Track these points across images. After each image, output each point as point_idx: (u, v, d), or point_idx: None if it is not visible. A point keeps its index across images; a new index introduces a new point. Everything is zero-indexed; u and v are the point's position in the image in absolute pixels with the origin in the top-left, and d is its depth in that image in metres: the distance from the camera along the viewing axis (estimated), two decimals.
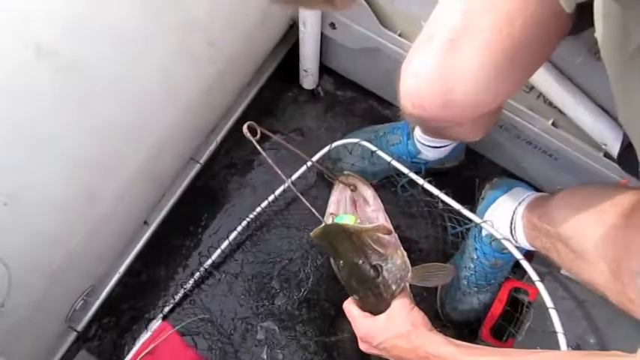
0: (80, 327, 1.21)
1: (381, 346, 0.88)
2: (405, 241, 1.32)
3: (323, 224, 0.90)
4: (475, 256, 1.21)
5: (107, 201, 0.99)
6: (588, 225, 0.85)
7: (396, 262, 0.89)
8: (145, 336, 1.02)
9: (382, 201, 1.33)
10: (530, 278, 1.15)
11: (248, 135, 0.89)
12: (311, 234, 0.90)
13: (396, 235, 0.94)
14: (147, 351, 0.99)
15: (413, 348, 0.83)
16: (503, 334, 1.19)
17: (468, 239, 1.24)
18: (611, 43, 0.48)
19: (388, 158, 1.14)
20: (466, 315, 1.24)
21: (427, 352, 0.82)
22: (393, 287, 0.89)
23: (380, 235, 0.88)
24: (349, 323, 0.95)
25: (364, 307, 0.93)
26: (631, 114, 0.53)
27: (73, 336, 1.21)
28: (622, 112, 0.55)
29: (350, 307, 0.94)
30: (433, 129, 1.05)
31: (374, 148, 1.17)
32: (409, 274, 0.92)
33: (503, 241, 1.11)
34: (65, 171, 0.87)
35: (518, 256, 1.10)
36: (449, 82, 0.75)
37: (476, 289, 1.23)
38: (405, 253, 0.92)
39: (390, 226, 0.91)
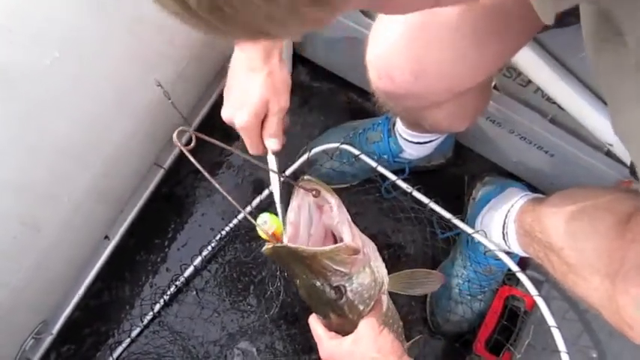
0: (37, 358, 1.09)
1: None
2: (390, 247, 1.23)
3: (271, 245, 0.77)
4: (468, 263, 1.12)
5: (52, 228, 0.87)
6: (581, 235, 0.76)
7: (363, 281, 0.78)
8: None
9: (364, 204, 1.24)
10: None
11: (177, 144, 0.71)
12: (262, 250, 0.78)
13: (372, 246, 0.84)
14: None
15: None
16: (498, 347, 1.11)
17: (459, 245, 1.16)
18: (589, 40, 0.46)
19: (374, 164, 1.03)
20: (458, 326, 1.16)
21: None
22: (361, 307, 0.80)
23: (342, 254, 0.76)
24: None
25: (329, 326, 0.84)
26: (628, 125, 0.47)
27: None
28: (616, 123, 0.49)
29: (315, 325, 0.85)
30: (410, 113, 0.95)
31: (357, 152, 1.06)
32: (384, 287, 0.83)
33: (499, 253, 1.02)
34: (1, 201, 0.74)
35: (515, 268, 1.02)
36: (420, 47, 0.65)
37: (469, 297, 1.14)
38: (378, 266, 0.81)
39: (358, 243, 0.78)
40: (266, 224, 0.80)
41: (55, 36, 0.76)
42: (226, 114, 0.84)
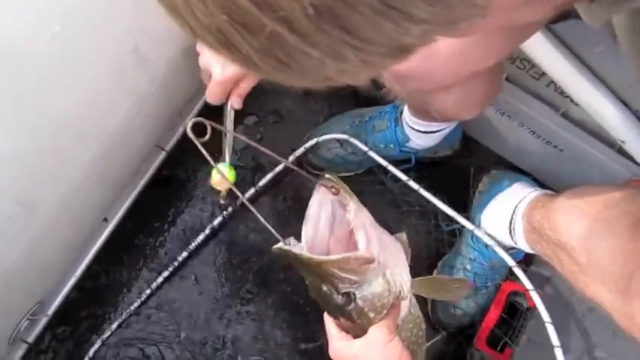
0: (31, 339, 1.08)
1: None
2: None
3: (278, 245, 0.75)
4: (472, 257, 1.10)
5: (49, 209, 0.85)
6: (595, 235, 0.73)
7: (375, 290, 0.74)
8: None
9: (368, 193, 1.21)
10: (532, 283, 1.06)
11: (192, 136, 0.71)
12: (273, 249, 0.76)
13: (397, 247, 0.81)
14: None
15: None
16: (499, 341, 1.09)
17: (463, 238, 1.14)
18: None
19: (384, 163, 1.02)
20: (459, 320, 1.14)
21: None
22: (371, 315, 0.76)
23: (352, 263, 0.73)
24: None
25: (341, 325, 0.81)
26: None
27: (23, 349, 1.08)
28: None
29: (328, 323, 0.83)
30: (416, 97, 0.92)
31: (365, 148, 1.04)
32: (402, 294, 0.79)
33: (495, 247, 1.00)
34: None
35: (511, 263, 1.01)
36: None
37: (472, 291, 1.12)
38: (396, 274, 0.77)
39: (372, 252, 0.74)
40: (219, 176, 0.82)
41: (56, 10, 0.73)
42: (205, 60, 0.85)
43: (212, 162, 0.76)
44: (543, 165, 1.18)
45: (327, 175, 0.81)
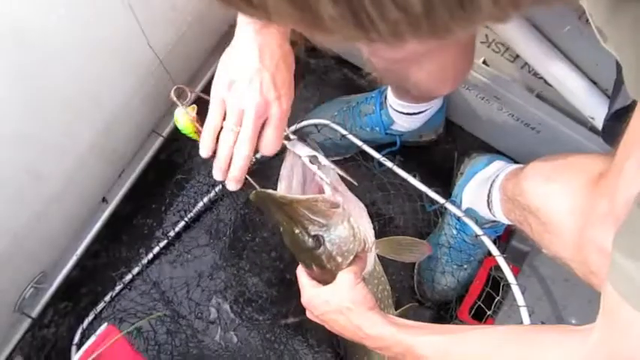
0: (35, 313, 1.13)
1: (322, 317, 0.85)
2: (381, 217, 1.27)
3: (254, 191, 0.81)
4: (454, 232, 1.16)
5: (55, 179, 0.90)
6: (556, 195, 0.80)
7: (341, 234, 0.82)
8: (90, 340, 0.94)
9: (356, 176, 1.27)
10: (511, 256, 1.12)
11: (174, 99, 0.76)
12: (250, 197, 0.82)
13: (360, 206, 0.87)
14: (92, 357, 0.90)
15: (352, 327, 0.80)
16: (483, 315, 1.15)
17: (446, 215, 1.19)
18: None
19: (359, 142, 1.09)
20: (445, 294, 1.19)
21: (366, 334, 0.79)
22: (339, 259, 0.83)
23: (320, 205, 0.79)
24: None
25: (312, 275, 0.88)
26: None
27: (27, 323, 1.13)
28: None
29: (300, 273, 0.89)
30: (393, 74, 0.97)
31: (344, 132, 1.11)
32: (367, 246, 0.86)
33: (465, 219, 1.06)
34: (2, 149, 0.78)
35: (479, 231, 1.06)
36: None
37: (455, 266, 1.18)
38: (360, 224, 0.84)
39: (337, 198, 0.81)
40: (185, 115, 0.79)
41: None
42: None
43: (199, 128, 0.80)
44: (522, 147, 1.24)
45: (295, 137, 0.86)
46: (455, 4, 0.24)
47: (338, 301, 0.81)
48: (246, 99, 0.74)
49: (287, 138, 0.83)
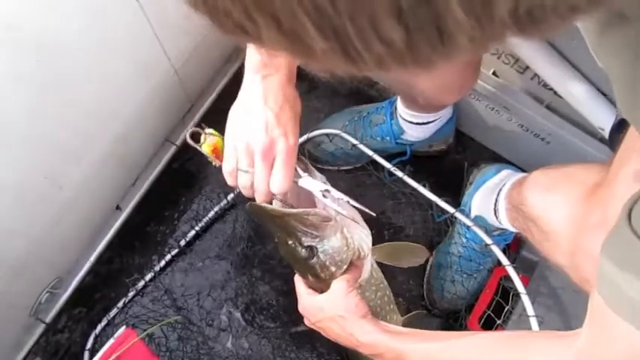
0: (49, 319, 1.14)
1: (317, 325, 0.87)
2: (392, 226, 1.28)
3: (249, 203, 0.83)
4: (464, 241, 1.17)
5: (71, 186, 0.92)
6: (555, 205, 0.82)
7: (334, 244, 0.83)
8: (108, 343, 0.96)
9: (367, 186, 1.29)
10: (521, 266, 1.12)
11: (192, 143, 0.82)
12: (247, 207, 0.84)
13: (356, 214, 0.87)
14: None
15: (346, 334, 0.82)
16: (493, 324, 1.15)
17: (456, 223, 1.20)
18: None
19: (369, 152, 1.10)
20: (454, 303, 1.20)
21: (359, 341, 0.81)
22: (333, 269, 0.84)
23: (311, 219, 0.81)
24: None
25: (308, 283, 0.90)
26: None
27: (41, 328, 1.15)
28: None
29: (297, 281, 0.91)
30: (399, 81, 1.00)
31: (355, 141, 1.13)
32: (362, 254, 0.87)
33: (474, 228, 1.07)
34: (23, 155, 0.80)
35: (488, 241, 1.08)
36: None
37: (465, 275, 1.19)
38: (354, 233, 0.85)
39: (330, 211, 0.82)
40: (207, 139, 0.83)
41: (83, 4, 0.82)
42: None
43: (213, 161, 0.85)
44: (532, 158, 1.24)
45: (302, 173, 0.87)
46: (435, 40, 0.26)
47: (332, 309, 0.83)
48: (253, 140, 0.77)
49: (297, 176, 0.85)
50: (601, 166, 0.79)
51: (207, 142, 0.83)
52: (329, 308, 0.84)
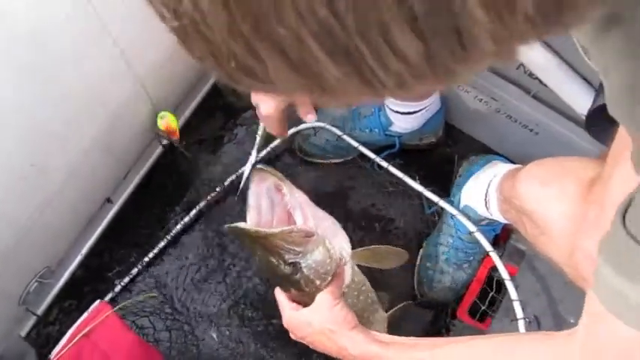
0: (40, 311, 1.15)
1: (304, 339, 0.87)
2: (382, 219, 1.28)
3: (227, 225, 0.84)
4: (452, 231, 1.17)
5: (60, 173, 0.93)
6: (550, 200, 0.81)
7: (316, 258, 0.83)
8: (82, 317, 0.97)
9: (357, 178, 1.29)
10: (510, 255, 1.13)
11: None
12: (226, 227, 0.86)
13: (332, 221, 0.89)
14: (83, 333, 0.93)
15: (336, 348, 0.82)
16: (482, 314, 1.15)
17: (445, 215, 1.20)
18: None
19: (354, 143, 1.11)
20: (444, 294, 1.20)
21: (350, 354, 0.80)
22: (317, 282, 0.85)
23: (294, 236, 0.82)
24: None
25: (290, 296, 0.89)
26: None
27: (32, 320, 1.15)
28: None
29: (279, 295, 0.91)
30: None
31: (339, 133, 1.14)
32: (344, 261, 0.88)
33: (459, 216, 1.08)
34: (8, 141, 0.81)
35: (472, 228, 1.08)
36: None
37: (455, 266, 1.19)
38: (335, 243, 0.86)
39: (310, 226, 0.83)
40: (164, 119, 0.93)
41: None
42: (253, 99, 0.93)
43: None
44: (521, 149, 1.25)
45: (259, 166, 0.91)
46: (454, 44, 0.24)
47: (319, 323, 0.83)
48: None
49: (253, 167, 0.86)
50: (596, 161, 0.80)
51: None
52: (317, 322, 0.83)
